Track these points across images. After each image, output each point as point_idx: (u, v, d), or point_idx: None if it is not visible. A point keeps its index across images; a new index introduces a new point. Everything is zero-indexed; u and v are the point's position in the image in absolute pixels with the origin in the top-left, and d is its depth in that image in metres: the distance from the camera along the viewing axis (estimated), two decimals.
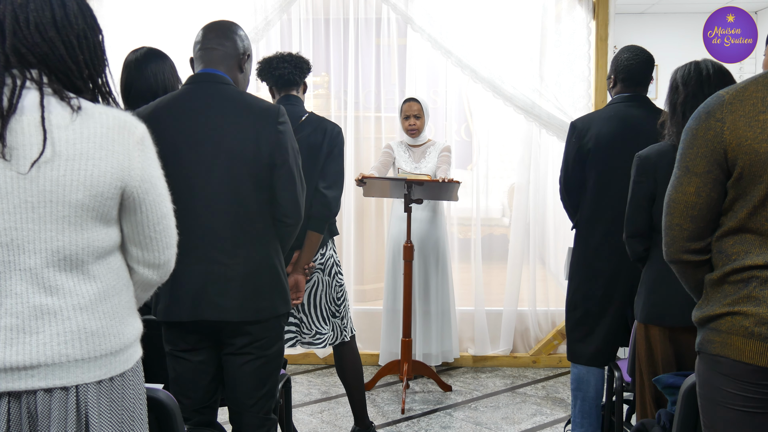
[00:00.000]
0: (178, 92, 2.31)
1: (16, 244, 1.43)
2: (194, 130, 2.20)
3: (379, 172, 4.13)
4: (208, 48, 2.32)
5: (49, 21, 1.46)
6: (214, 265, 2.20)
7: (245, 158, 2.20)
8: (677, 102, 2.40)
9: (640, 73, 3.02)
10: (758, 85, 1.65)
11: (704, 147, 1.66)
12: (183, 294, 2.21)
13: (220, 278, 2.20)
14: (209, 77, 2.28)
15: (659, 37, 7.71)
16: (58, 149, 1.43)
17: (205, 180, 2.19)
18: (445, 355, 4.45)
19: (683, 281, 1.81)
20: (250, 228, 2.23)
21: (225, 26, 2.36)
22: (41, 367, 1.44)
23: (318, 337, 3.18)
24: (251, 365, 2.28)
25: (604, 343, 3.08)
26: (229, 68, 2.32)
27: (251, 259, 2.23)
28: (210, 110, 2.22)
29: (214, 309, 2.21)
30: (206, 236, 2.20)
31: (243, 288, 2.22)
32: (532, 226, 4.64)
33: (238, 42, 2.35)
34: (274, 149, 2.22)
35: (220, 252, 2.20)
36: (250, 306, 2.23)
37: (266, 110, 2.25)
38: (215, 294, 2.20)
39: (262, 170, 2.22)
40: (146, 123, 2.15)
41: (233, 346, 2.27)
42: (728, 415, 1.67)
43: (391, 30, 4.80)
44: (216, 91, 2.25)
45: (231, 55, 2.33)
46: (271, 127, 2.23)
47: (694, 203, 1.69)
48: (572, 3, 4.30)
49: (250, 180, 2.21)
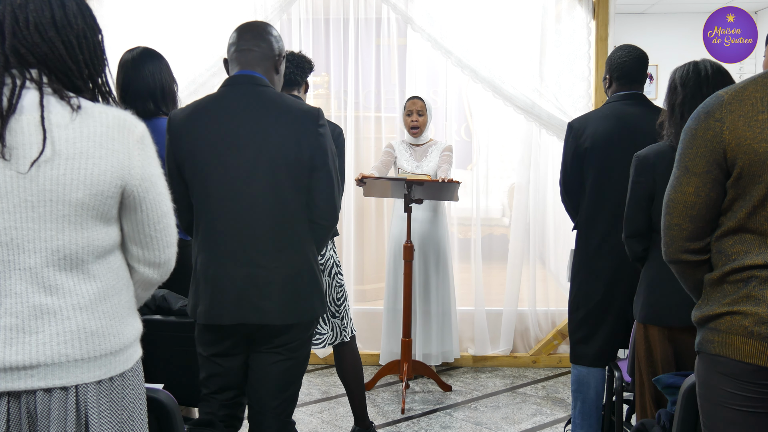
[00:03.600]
0: (217, 94, 2.28)
1: (15, 244, 1.43)
2: (236, 133, 2.18)
3: (379, 171, 4.13)
4: (244, 49, 2.29)
5: (49, 21, 1.46)
6: (257, 268, 2.19)
7: (287, 161, 2.19)
8: (676, 102, 2.40)
9: (635, 70, 3.02)
10: (757, 85, 1.64)
11: (703, 147, 1.66)
12: (225, 297, 2.20)
13: (262, 281, 2.20)
14: (247, 79, 2.25)
15: (659, 37, 7.72)
16: (58, 148, 1.43)
17: (247, 183, 2.18)
18: (446, 355, 4.45)
19: (682, 281, 1.81)
20: (291, 231, 2.23)
21: (260, 27, 2.34)
22: (41, 366, 1.44)
23: (318, 338, 3.18)
24: (280, 366, 2.28)
25: (606, 343, 3.08)
26: (266, 70, 2.30)
27: (292, 262, 2.23)
28: (250, 113, 2.20)
29: (256, 312, 2.20)
30: (248, 240, 2.19)
31: (284, 291, 2.22)
32: (532, 226, 4.64)
33: (273, 43, 2.32)
34: (315, 152, 2.22)
35: (262, 255, 2.20)
36: (290, 308, 2.23)
37: (307, 113, 2.24)
38: (257, 297, 2.20)
39: (303, 173, 2.21)
40: (185, 125, 2.17)
41: (267, 345, 2.26)
42: (728, 414, 1.67)
43: (391, 30, 4.80)
44: (255, 93, 2.23)
45: (267, 56, 2.30)
46: (312, 129, 2.22)
47: (693, 203, 1.69)
48: (572, 3, 4.30)
49: (290, 183, 2.20)
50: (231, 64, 2.32)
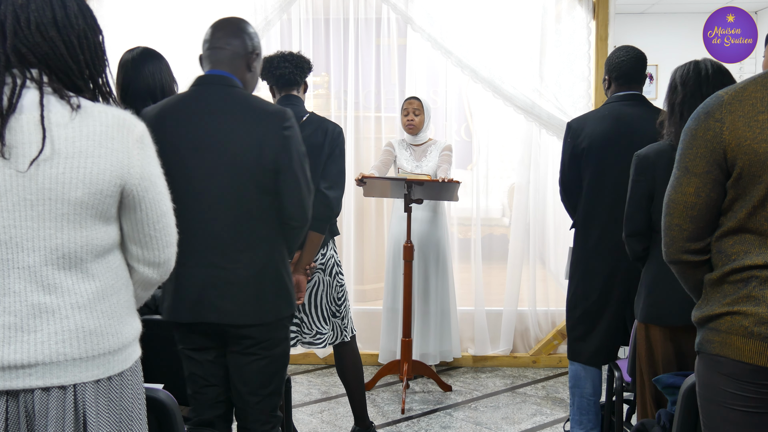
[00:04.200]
0: (184, 94, 2.29)
1: (14, 242, 1.43)
2: (199, 134, 2.19)
3: (379, 171, 4.13)
4: (215, 47, 2.29)
5: (50, 21, 1.46)
6: (216, 269, 2.20)
7: (248, 163, 2.19)
8: (676, 102, 2.39)
9: (633, 70, 3.02)
10: (757, 85, 1.64)
11: (704, 147, 1.66)
12: (185, 296, 2.23)
13: (222, 282, 2.21)
14: (215, 79, 2.26)
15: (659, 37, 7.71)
16: (58, 147, 1.43)
17: (207, 184, 2.19)
18: (445, 355, 4.45)
19: (682, 282, 1.81)
20: (253, 232, 2.23)
21: (233, 24, 2.34)
22: (39, 365, 1.44)
23: (318, 337, 3.18)
24: (256, 365, 2.29)
25: (603, 341, 3.10)
26: (236, 68, 2.30)
27: (253, 263, 2.23)
28: (215, 114, 2.21)
29: (215, 312, 2.22)
30: (208, 240, 2.21)
31: (245, 292, 2.22)
32: (532, 226, 4.63)
33: (246, 40, 2.32)
34: (279, 154, 2.20)
35: (221, 256, 2.21)
36: (251, 309, 2.23)
37: (271, 114, 2.23)
38: (216, 297, 2.21)
39: (266, 175, 2.21)
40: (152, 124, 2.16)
41: (238, 346, 2.28)
42: (728, 414, 1.66)
43: (391, 30, 4.80)
44: (221, 93, 2.24)
45: (239, 55, 2.30)
46: (276, 131, 2.21)
47: (693, 203, 1.69)
48: (572, 3, 4.30)
49: (253, 184, 2.20)
50: (204, 62, 2.33)
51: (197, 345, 2.31)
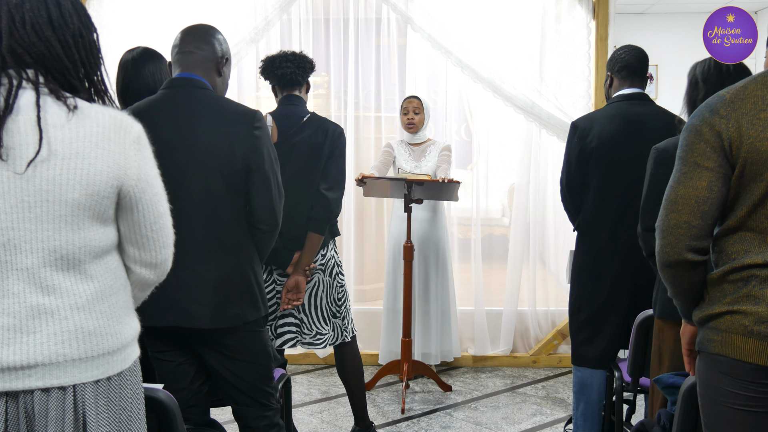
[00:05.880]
0: (155, 97, 2.30)
1: (12, 244, 1.43)
2: (169, 136, 2.18)
3: (379, 171, 4.13)
4: (185, 52, 2.30)
5: (45, 21, 1.46)
6: (186, 271, 2.18)
7: (219, 164, 2.18)
8: (698, 98, 2.36)
9: (636, 63, 3.01)
10: (757, 83, 1.65)
11: (713, 142, 1.64)
12: (158, 299, 2.21)
13: (192, 284, 2.20)
14: (186, 82, 2.27)
15: (659, 37, 7.72)
16: (54, 148, 1.42)
17: (178, 186, 2.16)
18: (445, 354, 4.45)
19: (674, 286, 1.75)
20: (224, 235, 2.22)
21: (203, 30, 2.35)
22: (38, 366, 1.44)
23: (318, 338, 3.18)
24: (238, 366, 2.30)
25: (609, 345, 3.06)
26: (206, 72, 2.31)
27: (223, 267, 2.22)
28: (185, 116, 2.21)
29: (187, 315, 2.21)
30: (179, 243, 2.18)
31: (214, 295, 2.21)
32: (532, 226, 4.63)
33: (216, 45, 2.33)
34: (249, 154, 2.20)
35: (192, 258, 2.19)
36: (220, 313, 2.22)
37: (241, 115, 2.23)
38: (187, 301, 2.20)
39: (236, 176, 2.20)
40: None
41: (219, 347, 2.28)
42: (728, 414, 1.66)
43: (391, 30, 4.80)
44: (192, 96, 2.24)
45: (209, 59, 2.31)
46: (246, 132, 2.21)
47: (705, 198, 1.65)
48: (572, 3, 4.30)
49: (224, 186, 2.20)
50: (173, 67, 2.34)
51: (168, 347, 2.30)
